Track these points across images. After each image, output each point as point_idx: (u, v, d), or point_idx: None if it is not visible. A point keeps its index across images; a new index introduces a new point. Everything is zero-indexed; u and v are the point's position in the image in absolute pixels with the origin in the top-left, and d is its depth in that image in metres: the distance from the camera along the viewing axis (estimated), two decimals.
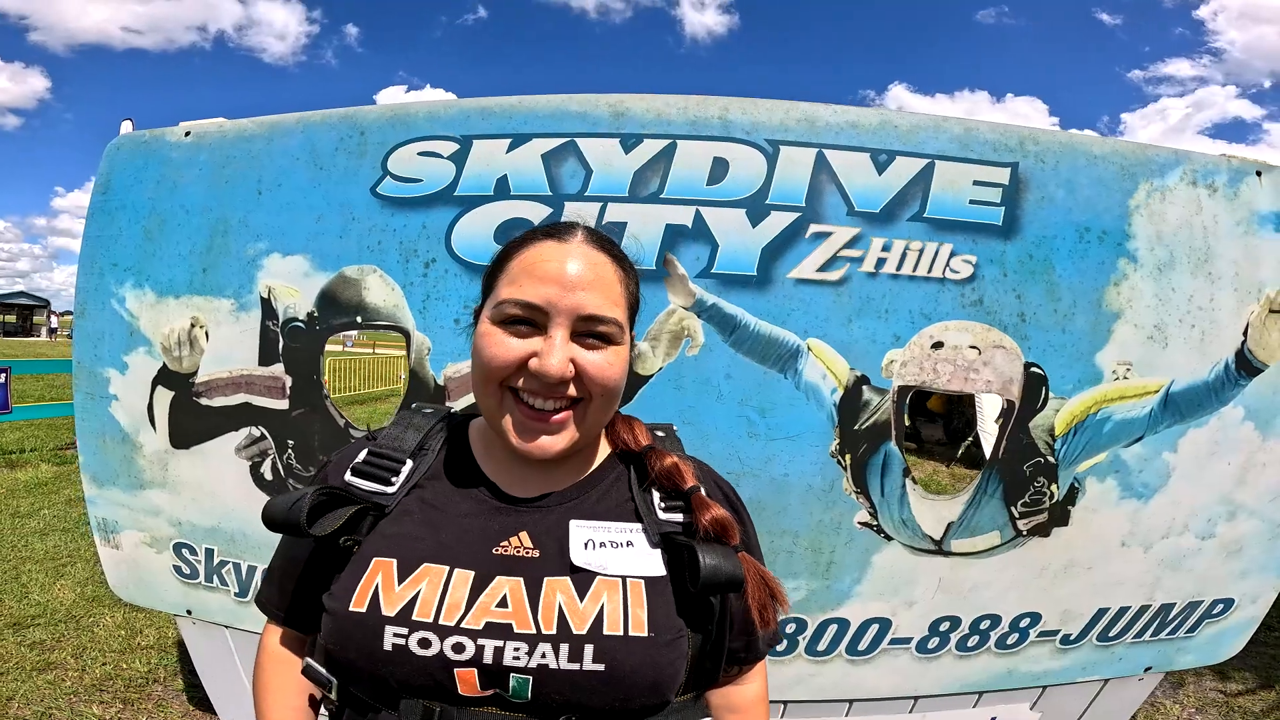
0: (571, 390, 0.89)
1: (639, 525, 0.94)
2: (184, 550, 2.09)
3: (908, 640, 1.88)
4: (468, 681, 0.82)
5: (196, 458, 2.05)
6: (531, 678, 0.81)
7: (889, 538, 1.83)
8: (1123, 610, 1.89)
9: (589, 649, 0.82)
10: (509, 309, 0.88)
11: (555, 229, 0.94)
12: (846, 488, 1.81)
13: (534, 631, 0.83)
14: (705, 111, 1.80)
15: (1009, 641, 1.89)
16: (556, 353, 0.86)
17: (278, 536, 1.00)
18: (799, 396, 1.79)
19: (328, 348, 2.00)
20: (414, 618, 0.83)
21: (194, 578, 2.11)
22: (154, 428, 2.06)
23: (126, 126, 2.16)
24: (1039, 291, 1.81)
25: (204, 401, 2.03)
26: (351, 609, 0.84)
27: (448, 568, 0.87)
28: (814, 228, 1.78)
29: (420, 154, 1.86)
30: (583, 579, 0.87)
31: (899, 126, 1.82)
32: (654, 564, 0.90)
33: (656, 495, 0.96)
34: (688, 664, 0.90)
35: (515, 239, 0.96)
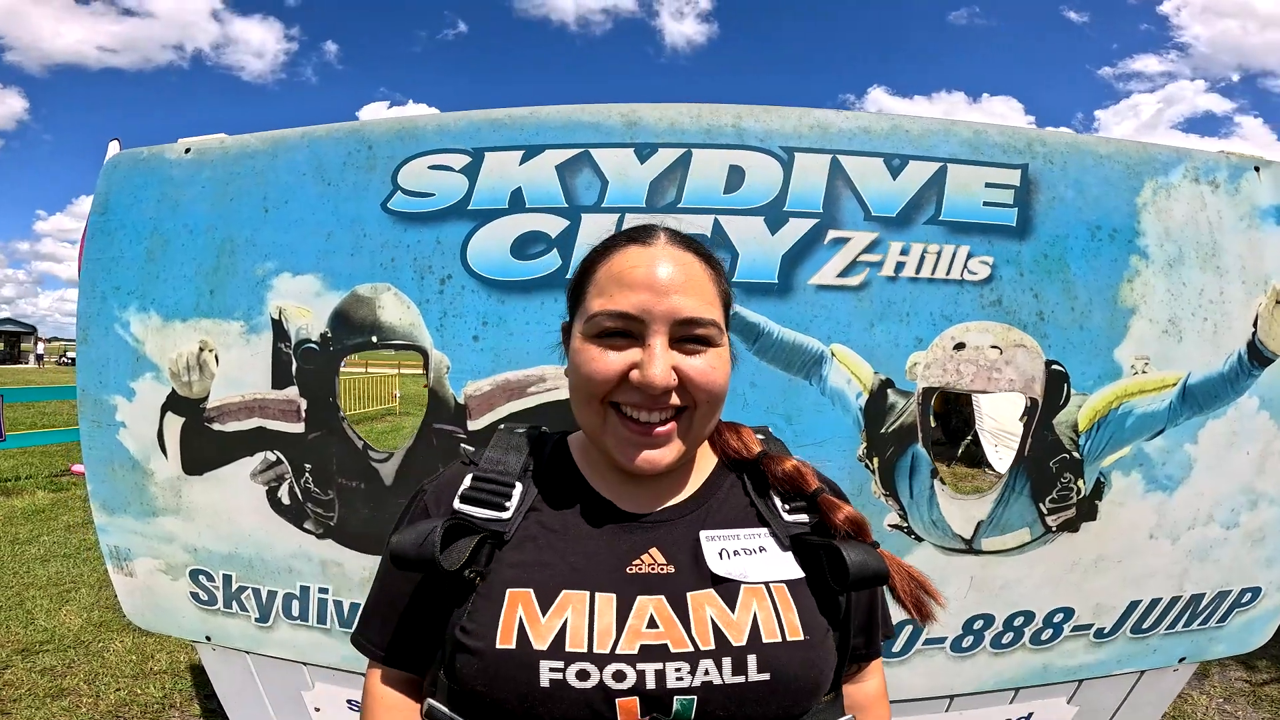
0: (675, 399, 0.83)
1: (766, 530, 0.89)
2: (201, 577, 2.00)
3: (942, 640, 1.82)
4: (629, 710, 0.76)
5: (210, 484, 1.95)
6: (696, 697, 0.77)
7: (919, 539, 1.78)
8: (1155, 602, 1.85)
9: (752, 659, 0.78)
10: (603, 321, 0.83)
11: (636, 233, 0.89)
12: (875, 491, 1.76)
13: (692, 649, 0.78)
14: (719, 119, 1.74)
15: (1043, 637, 1.84)
16: (658, 362, 0.80)
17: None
18: (824, 402, 1.74)
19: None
20: (568, 649, 0.77)
21: (212, 604, 2.01)
22: (165, 454, 1.96)
23: (114, 147, 2.07)
24: (1056, 290, 1.78)
25: (216, 427, 1.94)
26: (500, 646, 0.78)
27: (588, 593, 0.81)
28: (832, 233, 1.73)
29: (431, 167, 1.78)
30: (728, 590, 0.82)
31: (910, 131, 1.78)
32: (791, 567, 0.86)
33: (777, 499, 0.92)
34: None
35: (596, 248, 0.91)
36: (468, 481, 0.92)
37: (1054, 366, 1.76)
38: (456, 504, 0.89)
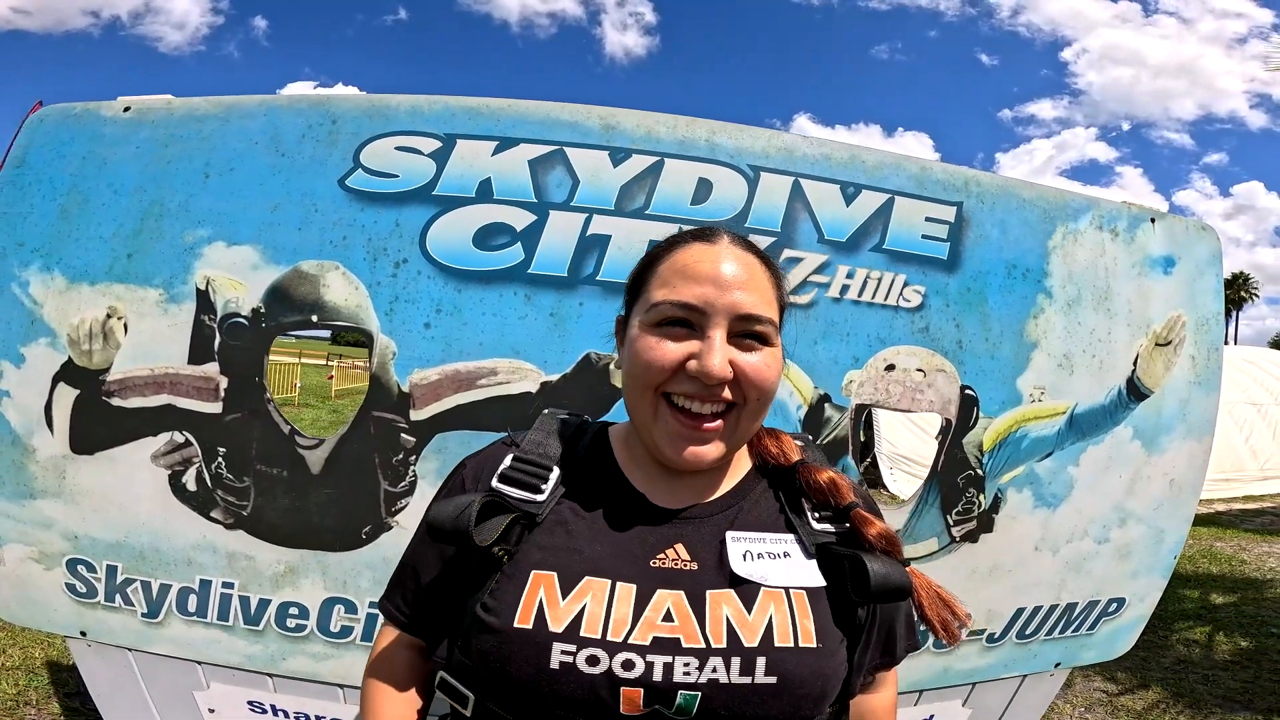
0: (727, 394, 0.94)
1: (793, 536, 1.01)
2: (80, 567, 2.01)
3: None
4: (632, 700, 0.87)
5: (102, 464, 1.98)
6: (700, 693, 0.87)
7: None
8: (1036, 609, 2.30)
9: (761, 661, 0.89)
10: (666, 310, 0.95)
11: (701, 232, 1.03)
12: None
13: (703, 646, 0.88)
14: (693, 133, 2.02)
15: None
16: (717, 353, 0.91)
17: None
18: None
19: (276, 357, 2.01)
20: (582, 634, 0.88)
21: (91, 596, 2.03)
22: (51, 430, 1.97)
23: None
24: (974, 321, 2.17)
25: (116, 402, 1.97)
26: (517, 625, 0.89)
27: (610, 581, 0.92)
28: (788, 252, 2.05)
29: (398, 149, 1.93)
30: (747, 591, 0.93)
31: (866, 162, 2.13)
32: (813, 574, 0.97)
33: (808, 507, 1.05)
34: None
35: (660, 244, 1.06)
36: (508, 461, 1.04)
37: (967, 391, 2.18)
38: (494, 482, 1.01)
